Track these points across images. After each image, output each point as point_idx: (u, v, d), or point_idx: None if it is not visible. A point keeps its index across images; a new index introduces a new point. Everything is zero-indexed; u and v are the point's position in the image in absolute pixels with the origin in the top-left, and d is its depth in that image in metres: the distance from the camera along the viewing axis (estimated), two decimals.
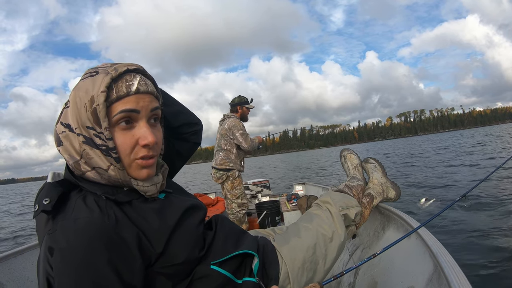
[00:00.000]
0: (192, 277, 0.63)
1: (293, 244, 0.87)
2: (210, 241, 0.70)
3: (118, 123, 0.56)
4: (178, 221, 0.63)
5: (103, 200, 0.56)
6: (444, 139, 35.17)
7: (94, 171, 0.57)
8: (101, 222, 0.52)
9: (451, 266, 0.74)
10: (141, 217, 0.58)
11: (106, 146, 0.55)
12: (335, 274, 0.82)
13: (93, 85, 0.54)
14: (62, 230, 0.49)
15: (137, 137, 0.57)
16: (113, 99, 0.55)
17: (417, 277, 0.88)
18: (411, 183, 6.58)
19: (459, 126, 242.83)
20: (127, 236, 0.54)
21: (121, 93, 0.55)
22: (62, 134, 0.57)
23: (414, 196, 5.12)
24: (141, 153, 0.58)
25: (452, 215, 3.39)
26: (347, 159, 1.48)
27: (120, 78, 0.56)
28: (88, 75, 0.57)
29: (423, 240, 0.93)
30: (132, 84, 0.56)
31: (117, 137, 0.56)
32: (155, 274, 0.58)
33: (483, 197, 4.17)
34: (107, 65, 0.58)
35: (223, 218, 0.81)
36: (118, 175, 0.57)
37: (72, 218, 0.51)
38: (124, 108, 0.55)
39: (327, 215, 1.02)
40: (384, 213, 1.38)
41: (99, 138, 0.55)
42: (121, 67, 0.57)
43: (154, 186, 0.61)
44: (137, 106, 0.56)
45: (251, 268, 0.73)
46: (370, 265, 1.25)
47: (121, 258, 0.51)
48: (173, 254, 0.59)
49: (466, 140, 23.72)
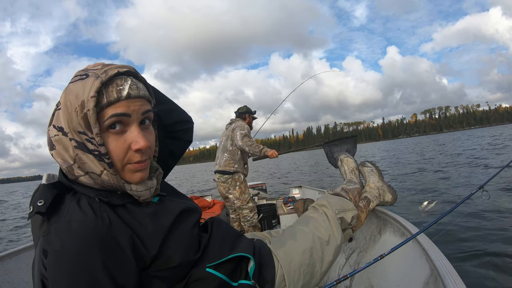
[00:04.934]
0: (188, 280, 0.63)
1: (289, 247, 0.87)
2: (205, 244, 0.70)
3: (109, 128, 0.55)
4: (172, 224, 0.62)
5: (97, 202, 0.55)
6: (481, 135, 32.95)
7: (87, 175, 0.56)
8: (95, 225, 0.51)
9: (448, 270, 0.74)
10: (135, 220, 0.58)
11: (99, 152, 0.54)
12: (338, 278, 0.82)
13: (83, 89, 0.53)
14: (56, 232, 0.49)
15: (129, 141, 0.56)
16: (103, 104, 0.53)
17: (413, 281, 0.88)
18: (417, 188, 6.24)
19: (485, 123, 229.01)
20: (121, 239, 0.53)
21: (111, 98, 0.53)
22: (54, 138, 0.56)
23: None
24: (135, 158, 0.57)
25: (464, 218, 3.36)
26: (344, 162, 1.49)
27: (111, 82, 0.54)
28: (78, 77, 0.55)
29: (420, 245, 0.94)
30: (123, 88, 0.55)
31: (109, 143, 0.55)
32: (150, 277, 0.57)
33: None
34: (97, 66, 0.56)
35: (219, 220, 0.81)
36: (111, 180, 0.56)
37: (66, 220, 0.50)
38: (114, 112, 0.54)
39: (323, 218, 1.02)
40: (380, 217, 1.39)
41: (91, 143, 0.54)
42: (112, 69, 0.55)
43: (148, 190, 0.61)
44: (128, 110, 0.55)
45: (247, 271, 0.72)
46: (367, 269, 1.25)
47: (115, 261, 0.51)
48: (168, 257, 0.59)
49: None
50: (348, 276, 0.82)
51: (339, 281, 0.80)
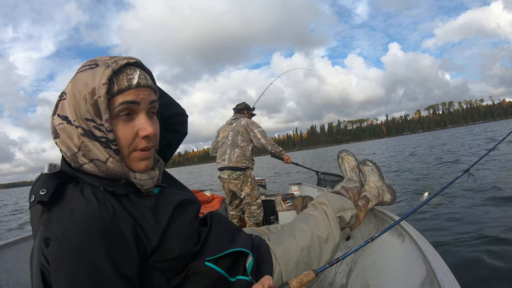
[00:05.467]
0: (186, 272, 0.64)
1: (287, 245, 0.87)
2: (204, 237, 0.71)
3: (119, 115, 0.56)
4: (172, 215, 0.63)
5: (101, 191, 0.56)
6: (492, 129, 31.99)
7: (92, 163, 0.57)
8: (99, 213, 0.52)
9: (443, 271, 0.74)
10: (137, 210, 0.59)
11: (106, 138, 0.55)
12: (331, 261, 0.82)
13: (94, 77, 0.54)
14: (59, 221, 0.49)
15: (137, 128, 0.58)
16: (114, 91, 0.55)
17: (409, 282, 0.88)
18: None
19: (489, 118, 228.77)
20: (124, 228, 0.54)
21: (122, 86, 0.56)
22: (59, 126, 0.56)
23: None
24: (141, 145, 0.59)
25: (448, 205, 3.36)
26: (345, 160, 1.49)
27: (121, 71, 0.57)
28: (87, 67, 0.57)
29: (416, 244, 0.94)
30: (133, 77, 0.57)
31: (118, 129, 0.57)
32: (150, 268, 0.58)
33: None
34: (105, 58, 0.58)
35: (218, 215, 0.81)
36: (116, 167, 0.57)
37: (69, 209, 0.51)
38: (124, 100, 0.56)
39: (323, 217, 1.02)
40: (378, 216, 1.39)
41: (98, 130, 0.55)
42: (121, 60, 0.57)
43: (151, 180, 0.62)
44: (137, 98, 0.57)
45: (245, 267, 0.73)
46: (363, 268, 1.25)
47: (118, 250, 0.51)
48: (168, 248, 0.60)
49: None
50: (340, 258, 0.82)
51: (331, 264, 0.80)
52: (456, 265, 2.11)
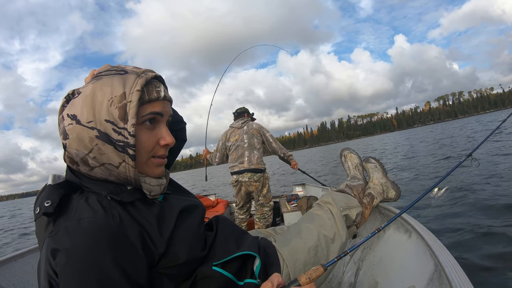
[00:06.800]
0: (195, 278, 0.64)
1: (294, 245, 0.87)
2: (211, 242, 0.71)
3: (143, 123, 0.60)
4: (177, 221, 0.63)
5: (107, 200, 0.56)
6: (503, 117, 32.14)
7: (103, 167, 0.57)
8: (105, 222, 0.52)
9: (452, 265, 0.74)
10: (143, 217, 0.59)
11: (125, 143, 0.56)
12: (339, 255, 0.81)
13: (125, 82, 0.57)
14: (66, 231, 0.49)
15: (159, 137, 0.62)
16: (145, 100, 0.59)
17: (418, 277, 0.88)
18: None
19: (499, 106, 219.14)
20: (131, 236, 0.54)
21: (152, 96, 0.60)
22: (68, 127, 0.56)
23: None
24: (160, 152, 0.63)
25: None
26: (348, 158, 1.48)
27: (150, 83, 0.61)
28: (114, 72, 0.59)
29: (423, 240, 0.93)
30: (161, 90, 0.62)
31: (141, 135, 0.59)
32: (158, 274, 0.58)
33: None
34: (129, 67, 0.62)
35: (224, 218, 0.81)
36: (128, 172, 0.58)
37: (76, 219, 0.51)
38: (153, 110, 0.60)
39: (328, 216, 1.02)
40: (384, 213, 1.38)
41: (117, 134, 0.56)
42: (150, 72, 0.62)
43: (159, 186, 0.63)
44: (162, 110, 0.62)
45: (253, 269, 0.72)
46: (371, 265, 1.24)
47: (126, 258, 0.51)
48: (175, 255, 0.60)
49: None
50: (348, 251, 0.82)
51: (339, 258, 0.80)
52: (464, 258, 2.09)
